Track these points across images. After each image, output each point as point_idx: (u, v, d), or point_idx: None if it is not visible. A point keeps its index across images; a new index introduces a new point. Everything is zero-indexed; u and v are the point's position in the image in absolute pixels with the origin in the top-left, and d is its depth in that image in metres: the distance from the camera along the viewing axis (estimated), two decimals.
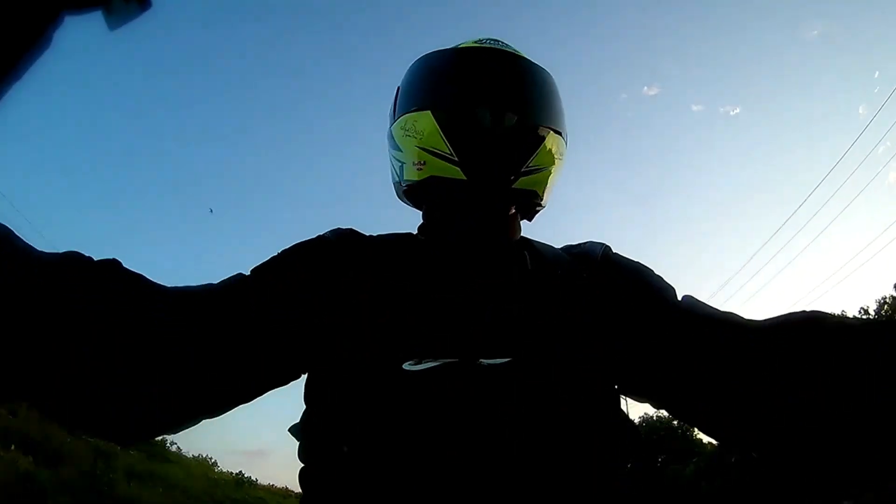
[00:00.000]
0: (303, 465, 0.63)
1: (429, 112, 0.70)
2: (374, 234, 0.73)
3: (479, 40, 0.76)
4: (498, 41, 0.76)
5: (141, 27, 0.44)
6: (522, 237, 0.76)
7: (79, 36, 0.43)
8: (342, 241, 0.69)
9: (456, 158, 0.67)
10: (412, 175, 0.71)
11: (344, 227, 0.72)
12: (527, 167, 0.68)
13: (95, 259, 0.55)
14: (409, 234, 0.74)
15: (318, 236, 0.70)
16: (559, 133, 0.73)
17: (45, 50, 0.41)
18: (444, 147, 0.68)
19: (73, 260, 0.53)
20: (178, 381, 0.54)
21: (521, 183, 0.69)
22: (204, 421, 0.60)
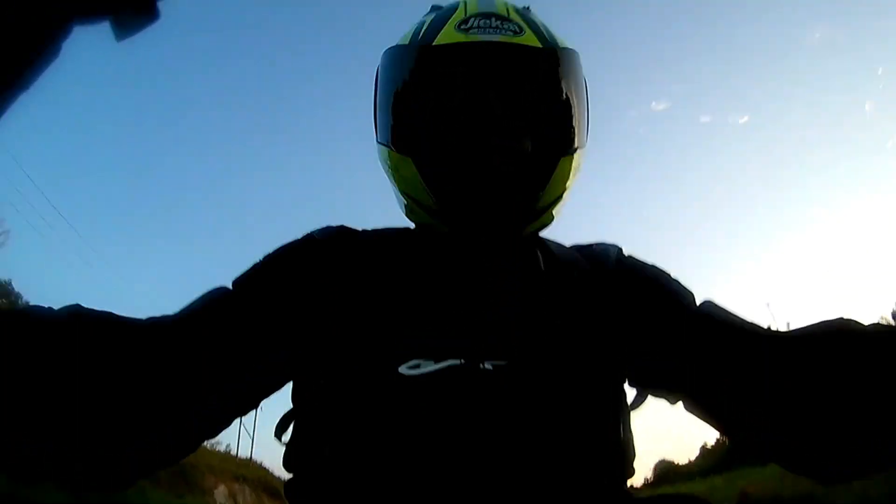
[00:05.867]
0: (289, 475, 0.60)
1: (409, 161, 0.60)
2: (368, 230, 0.69)
3: (465, 20, 0.58)
4: (491, 16, 0.58)
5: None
6: (533, 233, 0.70)
7: (87, 46, 0.43)
8: (332, 241, 0.64)
9: (443, 215, 0.60)
10: (404, 211, 0.68)
11: (334, 225, 0.68)
12: (535, 210, 0.60)
13: (56, 309, 0.51)
14: (406, 229, 0.69)
15: (306, 236, 0.65)
16: (577, 148, 0.61)
17: (53, 59, 0.41)
18: (429, 200, 0.60)
19: (34, 317, 0.50)
20: (173, 417, 0.51)
21: (529, 228, 0.63)
22: None
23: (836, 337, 0.54)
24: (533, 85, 0.58)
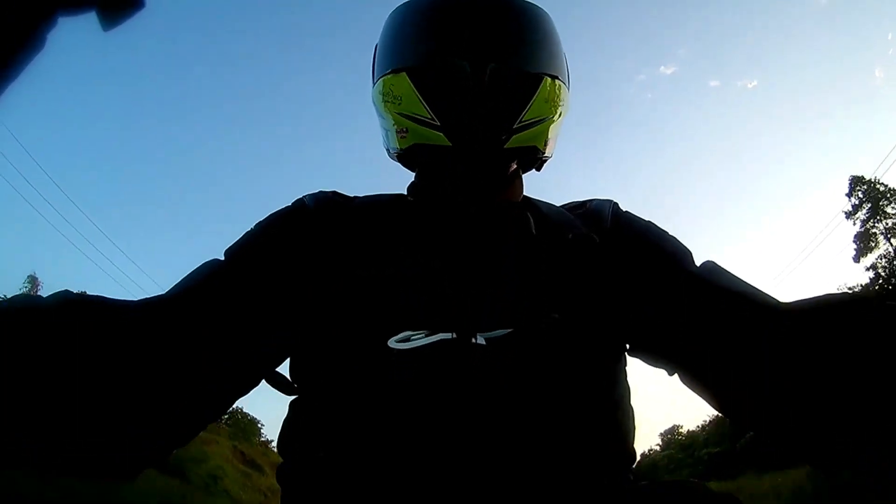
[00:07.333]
0: (282, 460, 0.59)
1: (404, 74, 0.62)
2: (360, 196, 0.68)
3: None
4: None
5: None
6: (525, 197, 0.70)
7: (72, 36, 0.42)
8: (323, 207, 0.64)
9: (438, 123, 0.60)
10: (397, 143, 0.66)
11: (326, 191, 0.67)
12: (520, 122, 0.60)
13: (45, 297, 0.51)
14: (400, 196, 0.69)
15: (296, 202, 0.65)
16: (556, 77, 0.64)
17: (38, 51, 0.40)
18: (424, 111, 0.61)
19: (24, 307, 0.50)
20: (174, 400, 0.51)
21: (516, 140, 0.61)
22: None
23: (842, 315, 0.51)
24: (504, 19, 0.64)
